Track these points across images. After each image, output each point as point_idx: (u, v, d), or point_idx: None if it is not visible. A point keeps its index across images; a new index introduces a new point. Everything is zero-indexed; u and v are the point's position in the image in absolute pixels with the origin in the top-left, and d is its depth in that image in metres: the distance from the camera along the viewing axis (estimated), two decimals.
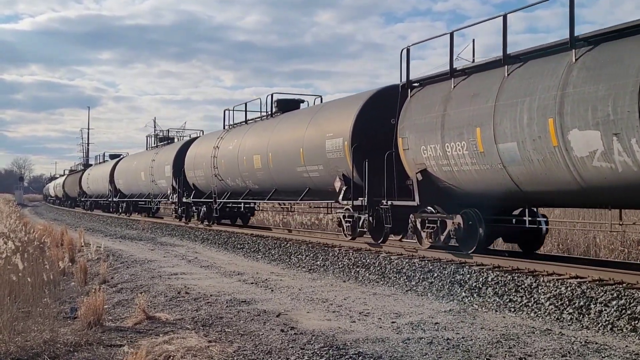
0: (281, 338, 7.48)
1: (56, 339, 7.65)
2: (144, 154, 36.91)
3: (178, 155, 28.06)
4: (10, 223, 19.45)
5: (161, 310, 9.54)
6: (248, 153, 20.23)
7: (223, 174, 22.55)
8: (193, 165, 25.67)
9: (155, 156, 31.75)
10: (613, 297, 8.46)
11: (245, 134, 21.30)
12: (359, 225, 15.09)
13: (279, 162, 18.30)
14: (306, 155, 16.59)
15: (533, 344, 7.19)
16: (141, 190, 35.00)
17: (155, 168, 31.14)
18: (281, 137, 18.39)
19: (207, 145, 24.49)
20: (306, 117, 17.60)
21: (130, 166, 37.54)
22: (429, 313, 9.06)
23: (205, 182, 24.62)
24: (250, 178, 20.46)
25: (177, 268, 14.60)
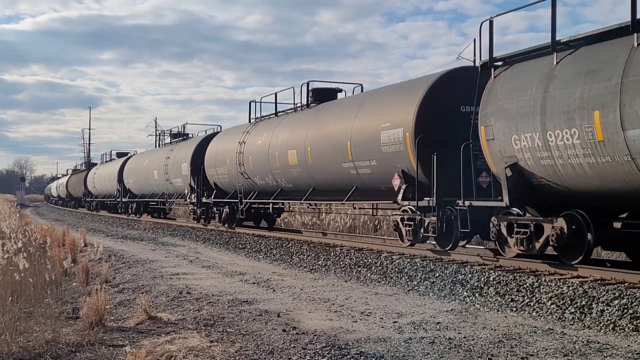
0: (283, 338, 7.49)
1: (58, 339, 7.66)
2: (156, 151, 34.61)
3: (197, 152, 25.68)
4: (12, 224, 19.47)
5: (163, 310, 9.54)
6: (281, 148, 18.17)
7: (250, 171, 20.46)
8: (214, 162, 23.46)
9: (170, 153, 29.17)
10: (615, 297, 8.46)
11: (277, 127, 19.11)
12: (422, 230, 12.96)
13: (319, 158, 16.33)
14: (355, 150, 14.63)
15: (535, 344, 7.19)
16: (153, 190, 32.44)
17: (170, 166, 28.69)
18: (323, 129, 16.39)
19: (231, 140, 22.34)
20: (353, 107, 15.52)
21: (142, 164, 34.91)
22: (431, 313, 9.06)
23: (228, 181, 22.59)
24: (283, 176, 18.44)
25: (179, 268, 14.61)
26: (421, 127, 12.69)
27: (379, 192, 14.60)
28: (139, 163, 35.79)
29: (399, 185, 13.28)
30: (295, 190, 18.51)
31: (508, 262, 11.25)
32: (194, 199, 25.62)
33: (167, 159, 29.22)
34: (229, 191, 22.86)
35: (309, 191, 17.44)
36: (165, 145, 33.12)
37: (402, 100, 13.66)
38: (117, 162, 42.80)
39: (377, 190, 14.57)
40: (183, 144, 29.26)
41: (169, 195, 30.13)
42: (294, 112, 19.37)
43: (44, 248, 16.11)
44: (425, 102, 12.82)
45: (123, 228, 31.36)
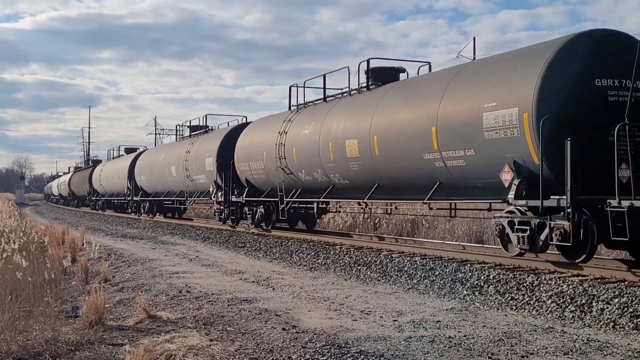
0: (283, 337, 7.48)
1: (57, 338, 7.65)
2: (174, 145, 31.06)
3: (224, 145, 22.81)
4: (11, 223, 19.46)
5: (162, 309, 9.53)
6: (336, 138, 15.46)
7: (294, 166, 17.70)
8: (247, 156, 20.63)
9: (191, 147, 26.20)
10: (615, 295, 8.45)
11: (329, 114, 16.36)
12: (542, 236, 10.28)
13: (390, 149, 13.54)
14: (442, 137, 11.87)
15: (535, 342, 7.18)
16: (170, 187, 29.59)
17: (191, 161, 25.67)
18: (394, 114, 13.53)
19: (268, 130, 19.54)
20: (437, 85, 12.63)
21: (156, 160, 31.75)
22: (431, 311, 9.06)
23: (264, 177, 19.82)
24: (338, 170, 15.75)
25: (179, 267, 14.60)
26: (547, 105, 9.96)
27: (471, 189, 11.98)
28: (153, 159, 32.63)
29: (510, 181, 10.62)
30: (351, 187, 15.84)
31: (508, 260, 11.24)
32: (220, 197, 22.78)
33: (187, 154, 26.26)
34: (264, 189, 20.18)
35: (372, 188, 14.64)
36: (184, 139, 29.65)
37: (515, 73, 10.88)
38: (127, 158, 39.92)
39: (470, 186, 11.92)
40: (206, 136, 26.06)
41: (189, 193, 27.03)
42: (349, 96, 16.55)
43: (44, 247, 16.11)
44: (552, 73, 10.08)
45: (123, 227, 31.34)
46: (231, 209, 22.39)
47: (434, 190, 12.53)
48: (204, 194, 25.14)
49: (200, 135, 27.12)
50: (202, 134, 27.25)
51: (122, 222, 33.59)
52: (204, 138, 26.06)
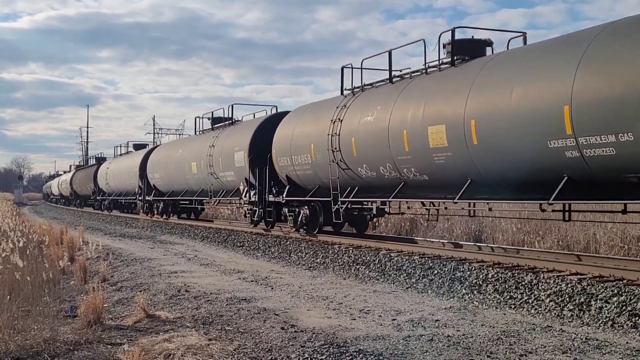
0: (281, 336, 7.48)
1: (56, 338, 7.64)
2: (193, 139, 28.01)
3: (257, 138, 20.28)
4: (9, 222, 19.45)
5: (161, 308, 9.53)
6: (414, 125, 12.74)
7: (352, 159, 15.02)
8: (288, 149, 17.91)
9: (216, 141, 23.35)
10: (613, 294, 8.46)
11: (400, 97, 13.60)
12: None
13: (495, 136, 10.92)
14: (580, 120, 9.33)
15: (534, 341, 7.19)
16: (189, 186, 26.77)
17: (216, 157, 22.89)
18: (501, 93, 10.86)
19: (317, 119, 17.09)
20: (566, 53, 9.99)
21: (172, 156, 28.72)
22: (430, 310, 9.06)
23: (311, 174, 17.15)
24: (415, 163, 12.93)
25: (177, 266, 14.59)
26: None
27: (617, 185, 9.57)
28: (169, 155, 29.54)
29: None
30: (430, 184, 13.08)
31: (507, 259, 11.25)
32: (253, 197, 20.07)
33: (211, 149, 23.43)
34: (310, 186, 17.43)
35: (465, 185, 11.84)
36: (205, 132, 26.60)
37: None
38: (138, 154, 36.63)
39: (619, 182, 9.45)
40: (234, 129, 23.09)
41: (214, 192, 24.10)
42: (426, 75, 13.66)
43: (42, 247, 16.10)
44: None
45: (121, 226, 31.34)
46: (267, 210, 19.52)
47: (561, 187, 9.97)
48: (231, 193, 22.50)
49: (226, 128, 24.06)
50: (228, 126, 24.24)
51: (121, 222, 33.58)
52: (231, 131, 23.07)
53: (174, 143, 31.94)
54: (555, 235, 16.20)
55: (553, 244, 15.67)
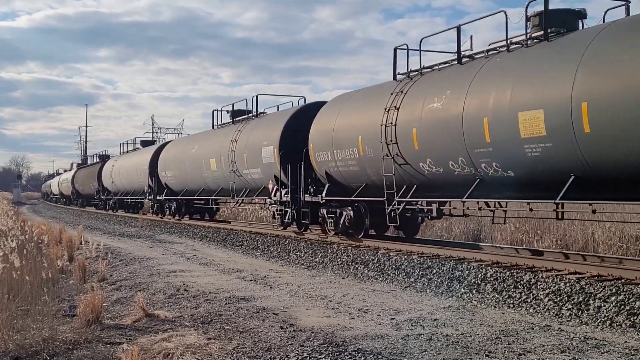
0: (280, 335, 7.48)
1: (55, 337, 7.65)
2: (211, 134, 25.39)
3: (289, 131, 18.26)
4: (8, 221, 19.44)
5: (160, 307, 9.53)
6: (498, 110, 10.74)
7: (412, 153, 12.92)
8: (329, 143, 15.89)
9: (239, 135, 21.29)
10: (612, 293, 8.47)
11: (476, 79, 11.54)
12: None
13: (616, 120, 8.97)
14: None
15: (532, 340, 7.19)
16: (208, 185, 24.60)
17: (239, 152, 20.82)
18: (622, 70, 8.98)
19: (366, 106, 14.98)
20: None
21: (187, 152, 26.57)
22: (428, 309, 9.07)
23: (357, 170, 15.00)
24: (499, 157, 10.94)
25: (176, 265, 14.59)
26: None
27: None
28: (183, 151, 27.35)
29: None
30: (516, 181, 11.02)
31: (506, 258, 11.25)
32: (284, 196, 18.05)
33: (233, 144, 21.34)
34: (356, 185, 15.39)
35: (567, 183, 9.92)
36: (225, 126, 24.46)
37: None
38: (147, 151, 34.36)
39: None
40: (260, 121, 20.97)
41: (237, 191, 21.93)
42: (507, 53, 11.54)
43: (41, 246, 16.10)
44: None
45: (120, 225, 31.33)
46: (303, 210, 17.47)
47: None
48: (256, 192, 20.58)
49: (249, 121, 21.85)
50: (252, 118, 22.00)
51: (120, 221, 33.57)
52: (256, 123, 20.90)
53: (189, 138, 29.29)
54: (553, 234, 16.21)
55: (551, 243, 15.68)
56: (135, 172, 34.33)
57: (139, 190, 34.30)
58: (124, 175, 36.99)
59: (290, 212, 17.89)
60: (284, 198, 18.06)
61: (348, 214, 15.67)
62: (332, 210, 16.40)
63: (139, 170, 33.26)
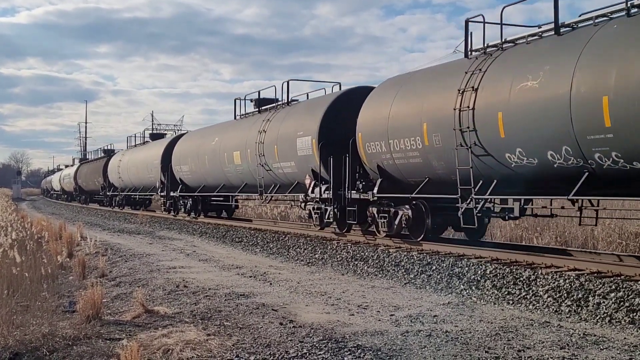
0: (280, 331, 7.49)
1: (55, 333, 7.65)
2: (234, 125, 23.06)
3: (328, 119, 16.24)
4: (7, 217, 19.44)
5: (160, 303, 9.53)
6: (620, 89, 8.89)
7: (496, 142, 11.08)
8: (384, 132, 13.68)
9: (268, 125, 19.19)
10: (611, 290, 8.48)
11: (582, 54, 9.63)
12: None
13: None
14: None
15: (532, 336, 7.20)
16: (230, 180, 22.47)
17: (269, 144, 18.77)
18: None
19: (432, 89, 12.88)
20: None
21: (206, 145, 24.30)
22: (428, 306, 9.07)
23: (419, 163, 12.88)
24: (620, 144, 9.03)
25: (176, 262, 14.59)
26: None
27: None
28: (202, 143, 25.02)
29: None
30: None
31: (505, 255, 11.25)
32: (324, 193, 16.19)
33: (261, 135, 19.24)
34: (416, 180, 13.26)
35: None
36: (250, 116, 22.23)
37: None
38: (159, 144, 32.09)
39: None
40: (293, 110, 18.87)
41: (265, 186, 19.70)
42: (627, 18, 9.51)
43: (40, 242, 16.11)
44: None
45: (119, 222, 31.33)
46: (348, 209, 15.54)
47: None
48: (289, 187, 18.50)
49: (279, 110, 19.71)
50: (283, 107, 19.82)
51: (120, 218, 33.57)
52: (289, 112, 18.77)
53: (208, 130, 26.49)
54: (553, 231, 16.22)
55: (551, 240, 15.69)
56: (145, 167, 32.28)
57: (149, 186, 32.48)
58: (133, 170, 34.86)
59: (331, 210, 15.96)
60: (324, 195, 16.15)
61: (405, 213, 13.60)
62: (384, 209, 14.25)
63: (150, 165, 31.24)
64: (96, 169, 45.72)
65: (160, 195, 30.23)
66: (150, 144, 35.71)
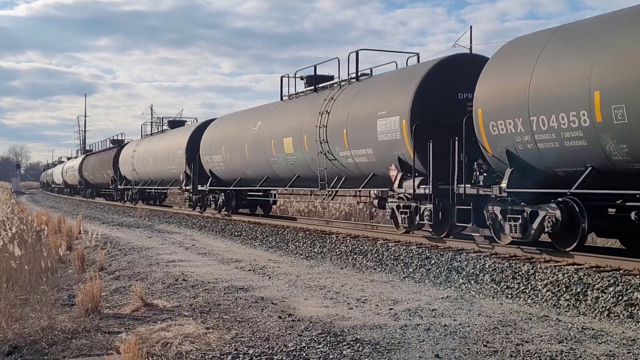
0: (279, 325, 7.50)
1: (54, 326, 7.66)
2: (281, 106, 19.49)
3: (424, 94, 12.91)
4: (7, 211, 19.43)
5: (159, 297, 9.54)
6: None
7: None
8: (522, 107, 10.25)
9: (332, 105, 15.83)
10: (610, 284, 8.49)
11: None
12: None
13: None
14: None
15: (530, 330, 7.21)
16: (275, 172, 19.07)
17: (334, 128, 15.45)
18: None
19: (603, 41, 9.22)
20: None
21: (245, 131, 20.67)
22: (427, 300, 9.08)
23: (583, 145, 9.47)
24: None
25: (175, 255, 14.60)
26: None
27: None
28: (240, 129, 21.33)
29: None
30: None
31: (504, 249, 11.25)
32: (419, 188, 12.83)
33: (322, 117, 15.91)
34: (568, 169, 9.99)
35: None
36: (302, 96, 18.82)
37: None
38: (182, 132, 28.67)
39: None
40: (368, 85, 15.28)
41: (327, 180, 16.23)
42: None
43: (40, 235, 16.11)
44: None
45: (119, 215, 31.33)
46: (458, 208, 12.20)
47: None
48: (363, 180, 14.93)
49: (346, 87, 16.13)
50: (350, 82, 16.22)
51: (119, 211, 33.57)
52: (361, 89, 15.26)
53: (246, 113, 22.68)
54: None
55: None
56: (166, 158, 28.56)
57: (169, 179, 29.04)
58: (150, 161, 31.12)
59: (428, 209, 12.73)
60: (419, 190, 12.81)
61: (551, 215, 10.19)
62: (515, 209, 10.85)
63: (172, 156, 27.62)
64: (105, 161, 42.30)
65: (185, 190, 26.46)
66: (170, 132, 31.42)
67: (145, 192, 34.97)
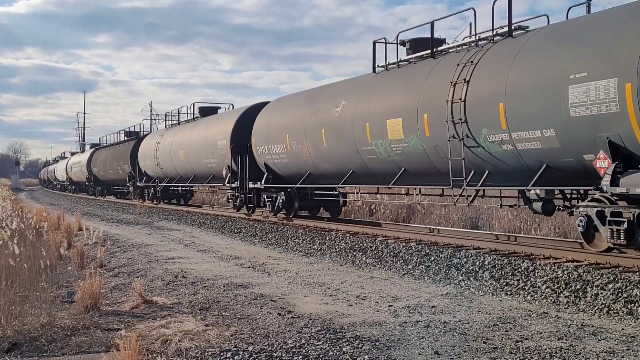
0: (278, 322, 7.49)
1: (53, 323, 7.65)
2: (374, 80, 15.10)
3: None
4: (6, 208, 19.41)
5: (158, 294, 9.54)
6: None
7: None
8: None
9: (471, 71, 11.47)
10: (609, 281, 8.49)
11: None
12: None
13: None
14: None
15: (530, 327, 7.21)
16: (367, 165, 14.85)
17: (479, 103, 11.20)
18: None
19: None
20: None
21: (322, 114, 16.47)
22: (426, 297, 9.08)
23: None
24: None
25: (174, 252, 14.60)
26: None
27: None
28: (310, 113, 17.13)
29: None
30: None
31: (504, 246, 11.25)
32: None
33: (457, 88, 11.59)
34: None
35: None
36: (403, 66, 14.41)
37: None
38: (221, 119, 23.95)
39: None
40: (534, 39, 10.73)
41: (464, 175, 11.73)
42: None
43: (40, 232, 16.09)
44: None
45: (118, 212, 31.31)
46: None
47: None
48: (522, 175, 10.84)
49: (491, 48, 11.65)
50: (493, 42, 11.78)
51: (118, 208, 33.55)
52: (523, 46, 10.75)
53: (319, 92, 18.05)
54: (552, 222, 16.21)
55: (550, 231, 15.70)
56: (203, 150, 23.84)
57: (204, 175, 24.55)
58: (180, 154, 26.52)
59: None
60: None
61: None
62: None
63: (211, 148, 22.95)
64: (120, 155, 37.37)
65: (231, 188, 21.91)
66: (203, 120, 26.40)
67: (169, 190, 30.76)
